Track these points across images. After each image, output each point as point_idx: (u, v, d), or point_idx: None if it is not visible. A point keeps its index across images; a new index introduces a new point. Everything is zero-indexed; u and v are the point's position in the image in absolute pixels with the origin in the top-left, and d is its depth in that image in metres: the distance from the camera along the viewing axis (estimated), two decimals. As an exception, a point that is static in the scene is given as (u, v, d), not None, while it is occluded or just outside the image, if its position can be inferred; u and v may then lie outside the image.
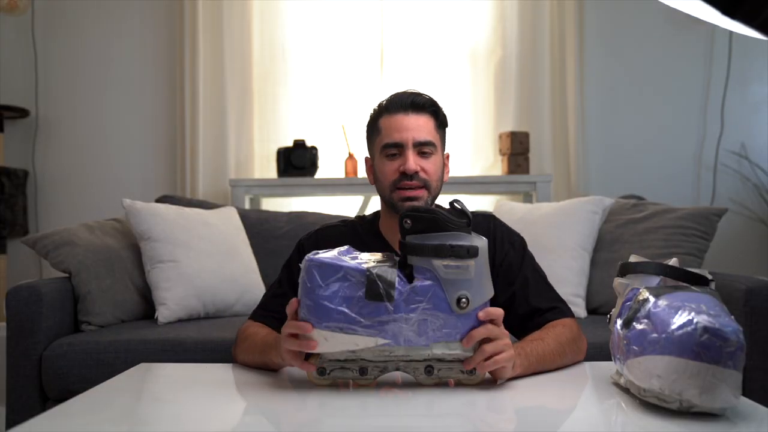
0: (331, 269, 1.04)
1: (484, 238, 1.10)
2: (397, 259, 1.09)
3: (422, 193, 1.33)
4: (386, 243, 1.39)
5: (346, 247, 1.11)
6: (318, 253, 1.07)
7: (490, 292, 1.10)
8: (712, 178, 2.91)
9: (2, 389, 2.05)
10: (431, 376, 1.10)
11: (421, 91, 1.38)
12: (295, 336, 1.07)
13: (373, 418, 1.00)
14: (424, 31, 2.95)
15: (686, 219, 2.10)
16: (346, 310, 1.03)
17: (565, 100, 2.88)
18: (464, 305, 1.06)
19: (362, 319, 1.03)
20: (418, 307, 1.05)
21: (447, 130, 1.42)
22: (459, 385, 1.11)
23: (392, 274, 1.05)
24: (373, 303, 1.03)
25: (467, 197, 2.85)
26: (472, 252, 1.06)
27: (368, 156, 1.44)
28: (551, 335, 1.27)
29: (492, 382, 1.12)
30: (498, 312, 1.10)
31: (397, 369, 1.10)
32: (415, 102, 1.34)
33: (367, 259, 1.08)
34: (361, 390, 1.10)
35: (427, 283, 1.05)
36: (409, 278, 1.06)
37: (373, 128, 1.39)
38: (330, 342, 1.04)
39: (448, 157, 1.44)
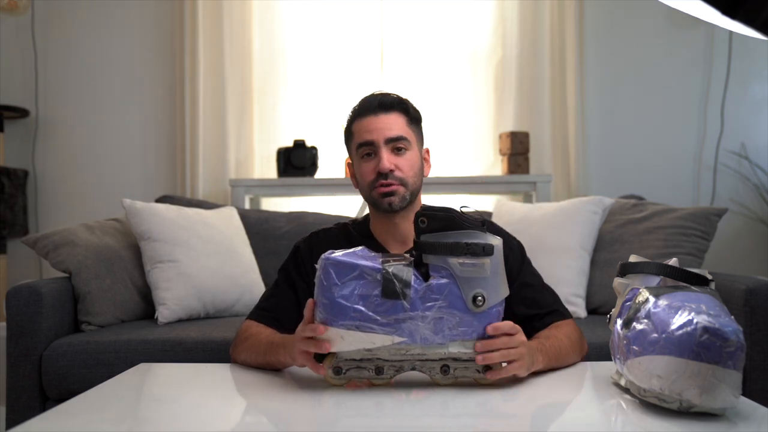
0: (348, 268, 1.05)
1: (499, 237, 1.10)
2: (413, 258, 1.10)
3: (399, 188, 1.35)
4: (378, 244, 1.40)
5: (361, 247, 1.11)
6: (334, 253, 1.08)
7: (505, 291, 1.10)
8: (712, 178, 2.91)
9: (2, 389, 2.05)
10: (447, 375, 1.10)
11: (389, 91, 1.40)
12: (309, 338, 1.08)
13: (388, 418, 1.00)
14: (424, 31, 2.95)
15: (686, 219, 2.10)
16: (363, 309, 1.04)
17: (565, 100, 2.88)
18: (480, 303, 1.06)
19: (378, 317, 1.04)
20: (435, 305, 1.05)
21: (423, 125, 1.44)
22: (475, 384, 1.12)
23: (408, 273, 1.06)
24: (390, 301, 1.04)
25: (467, 197, 2.85)
26: (487, 250, 1.07)
27: (349, 162, 1.46)
28: (563, 333, 1.30)
29: (510, 381, 1.13)
30: (505, 327, 1.10)
31: (413, 369, 1.10)
32: (383, 102, 1.37)
33: (383, 259, 1.08)
34: (377, 390, 1.10)
35: (443, 281, 1.06)
36: (425, 277, 1.07)
37: (349, 134, 1.42)
38: (346, 340, 1.05)
39: (428, 152, 1.46)
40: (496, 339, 1.08)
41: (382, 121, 1.36)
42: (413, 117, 1.40)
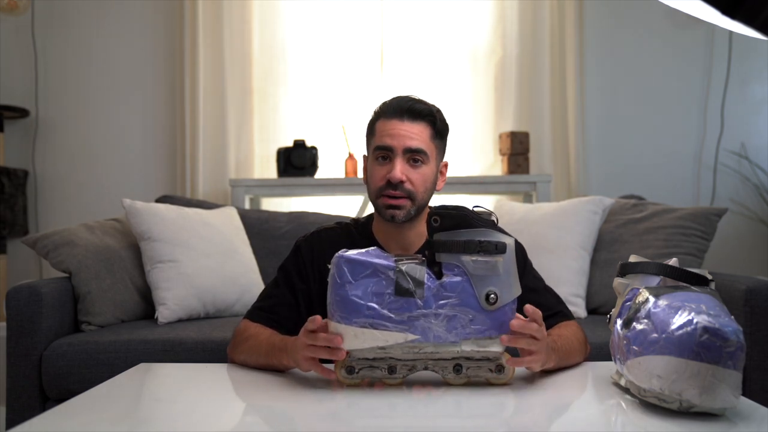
0: (361, 265, 1.06)
1: (511, 237, 1.11)
2: (425, 258, 1.10)
3: (405, 202, 1.32)
4: (380, 246, 1.39)
5: (373, 248, 1.11)
6: (347, 251, 1.08)
7: (517, 290, 1.11)
8: (712, 178, 2.91)
9: (2, 389, 2.05)
10: (460, 374, 1.11)
11: (422, 98, 1.36)
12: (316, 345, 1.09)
13: (401, 419, 1.01)
14: (424, 31, 2.95)
15: (686, 219, 2.10)
16: (376, 306, 1.04)
17: (565, 100, 2.88)
18: (493, 301, 1.07)
19: (392, 315, 1.04)
20: (448, 303, 1.06)
21: (447, 136, 1.40)
22: (487, 384, 1.12)
23: (421, 271, 1.06)
24: (403, 299, 1.05)
25: (467, 197, 2.85)
26: (500, 248, 1.07)
27: (365, 155, 1.43)
28: (570, 332, 1.30)
29: (520, 380, 1.14)
30: (540, 316, 1.12)
31: (426, 368, 1.11)
32: (413, 109, 1.32)
33: (396, 258, 1.09)
34: (390, 390, 1.10)
35: (457, 279, 1.07)
36: (438, 276, 1.08)
37: (371, 130, 1.39)
38: (360, 339, 1.05)
39: (446, 165, 1.42)
40: (532, 324, 1.09)
41: (406, 129, 1.31)
42: (439, 130, 1.36)
